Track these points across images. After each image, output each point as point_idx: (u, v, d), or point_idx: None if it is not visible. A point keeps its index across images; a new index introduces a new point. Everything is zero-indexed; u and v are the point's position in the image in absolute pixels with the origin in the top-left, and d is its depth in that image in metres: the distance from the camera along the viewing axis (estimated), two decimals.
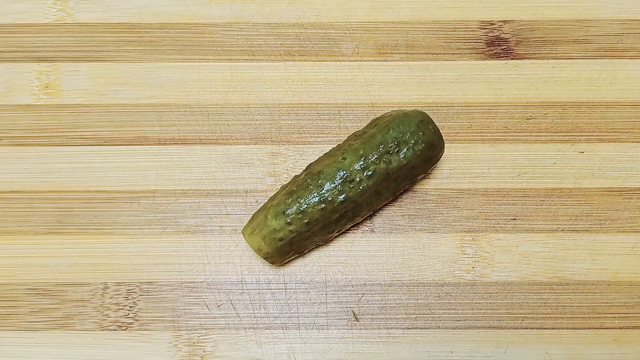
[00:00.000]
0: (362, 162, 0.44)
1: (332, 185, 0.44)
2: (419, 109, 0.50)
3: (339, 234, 0.48)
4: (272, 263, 0.46)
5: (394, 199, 0.49)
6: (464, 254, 0.48)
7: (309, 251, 0.48)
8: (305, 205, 0.44)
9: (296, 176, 0.47)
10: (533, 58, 0.53)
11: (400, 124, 0.45)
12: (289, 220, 0.44)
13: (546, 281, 0.48)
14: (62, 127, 0.52)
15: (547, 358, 0.46)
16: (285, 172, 0.50)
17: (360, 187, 0.44)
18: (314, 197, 0.44)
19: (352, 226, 0.48)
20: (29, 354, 0.47)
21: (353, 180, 0.44)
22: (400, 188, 0.47)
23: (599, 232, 0.49)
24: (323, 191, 0.44)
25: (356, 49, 0.53)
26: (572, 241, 0.49)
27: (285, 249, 0.45)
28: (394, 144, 0.45)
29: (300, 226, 0.44)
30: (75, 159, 0.51)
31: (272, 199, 0.46)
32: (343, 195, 0.44)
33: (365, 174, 0.44)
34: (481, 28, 0.54)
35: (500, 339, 0.46)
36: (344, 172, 0.44)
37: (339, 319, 0.47)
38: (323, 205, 0.44)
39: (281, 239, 0.44)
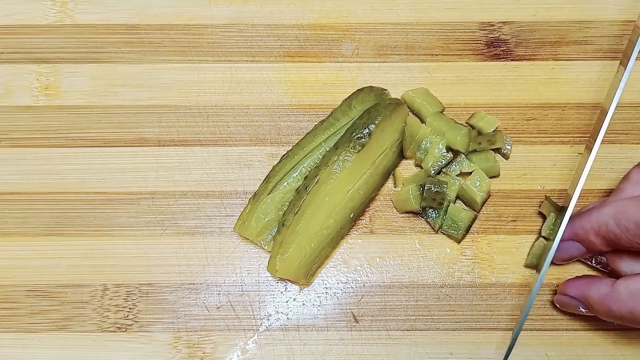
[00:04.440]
0: (357, 181, 0.47)
1: (343, 202, 0.46)
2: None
3: None
4: (304, 283, 0.48)
5: None
6: (464, 255, 0.48)
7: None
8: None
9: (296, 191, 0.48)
10: (533, 59, 0.53)
11: (391, 149, 0.48)
12: (313, 245, 0.46)
13: (546, 282, 0.47)
14: (61, 128, 0.52)
15: (547, 359, 0.46)
16: None
17: (365, 196, 0.47)
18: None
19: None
20: (28, 355, 0.47)
21: (357, 192, 0.47)
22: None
23: None
24: (336, 211, 0.47)
25: (356, 50, 0.53)
26: None
27: (313, 267, 0.47)
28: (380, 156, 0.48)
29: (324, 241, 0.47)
30: (74, 160, 0.51)
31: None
32: (351, 208, 0.47)
33: (363, 182, 0.47)
34: (481, 29, 0.54)
35: (500, 341, 0.46)
36: (349, 190, 0.46)
37: (338, 321, 0.47)
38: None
39: (313, 260, 0.47)
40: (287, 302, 0.48)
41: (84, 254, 0.49)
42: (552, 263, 0.45)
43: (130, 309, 0.47)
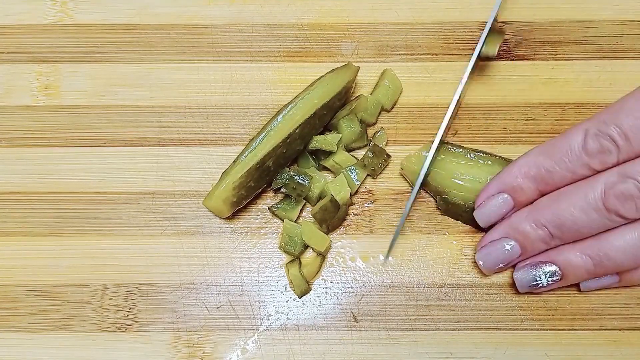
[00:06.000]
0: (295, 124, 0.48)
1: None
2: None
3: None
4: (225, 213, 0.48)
5: None
6: (464, 255, 0.48)
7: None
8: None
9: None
10: (533, 59, 0.53)
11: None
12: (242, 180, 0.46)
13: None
14: (61, 128, 0.52)
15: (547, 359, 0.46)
16: None
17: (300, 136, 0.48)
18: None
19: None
20: (28, 355, 0.47)
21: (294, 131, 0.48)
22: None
23: None
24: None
25: (355, 50, 0.53)
26: None
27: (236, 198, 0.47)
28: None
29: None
30: (74, 160, 0.51)
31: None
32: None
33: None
34: (480, 29, 0.54)
35: (500, 341, 0.46)
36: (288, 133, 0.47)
37: (338, 321, 0.47)
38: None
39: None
40: (287, 302, 0.48)
41: (84, 254, 0.49)
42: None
43: (130, 308, 0.47)
